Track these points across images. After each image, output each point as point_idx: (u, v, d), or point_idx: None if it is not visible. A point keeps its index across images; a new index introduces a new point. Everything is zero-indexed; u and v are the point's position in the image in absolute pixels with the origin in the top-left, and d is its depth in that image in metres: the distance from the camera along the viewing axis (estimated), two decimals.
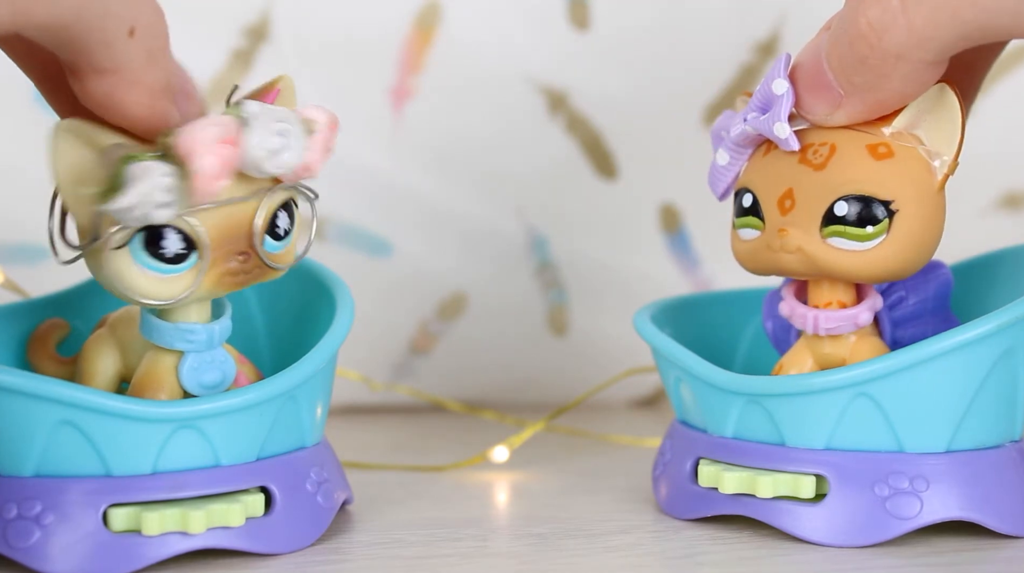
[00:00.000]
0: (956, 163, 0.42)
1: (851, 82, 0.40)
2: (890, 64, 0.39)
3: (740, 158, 0.44)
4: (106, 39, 0.36)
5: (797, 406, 0.42)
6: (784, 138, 0.42)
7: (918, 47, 0.39)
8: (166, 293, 0.40)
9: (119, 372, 0.44)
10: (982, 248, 0.48)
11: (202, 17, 0.59)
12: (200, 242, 0.39)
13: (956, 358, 0.41)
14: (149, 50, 0.37)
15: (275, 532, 0.42)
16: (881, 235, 0.41)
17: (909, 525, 0.42)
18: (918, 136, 0.42)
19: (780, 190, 0.42)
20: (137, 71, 0.37)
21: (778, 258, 0.42)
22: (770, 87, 0.42)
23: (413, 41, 0.59)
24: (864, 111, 0.41)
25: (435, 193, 0.61)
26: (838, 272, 0.42)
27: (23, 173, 0.58)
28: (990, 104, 0.61)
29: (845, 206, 0.41)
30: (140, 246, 0.39)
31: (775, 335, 0.47)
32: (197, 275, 0.40)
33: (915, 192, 0.41)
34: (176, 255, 0.40)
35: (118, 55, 0.37)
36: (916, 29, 0.38)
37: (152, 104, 0.38)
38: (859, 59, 0.39)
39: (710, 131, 0.45)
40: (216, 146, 0.38)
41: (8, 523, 0.40)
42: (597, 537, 0.44)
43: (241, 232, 0.40)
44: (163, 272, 0.40)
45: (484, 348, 0.63)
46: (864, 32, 0.39)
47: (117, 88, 0.38)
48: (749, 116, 0.43)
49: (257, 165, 0.39)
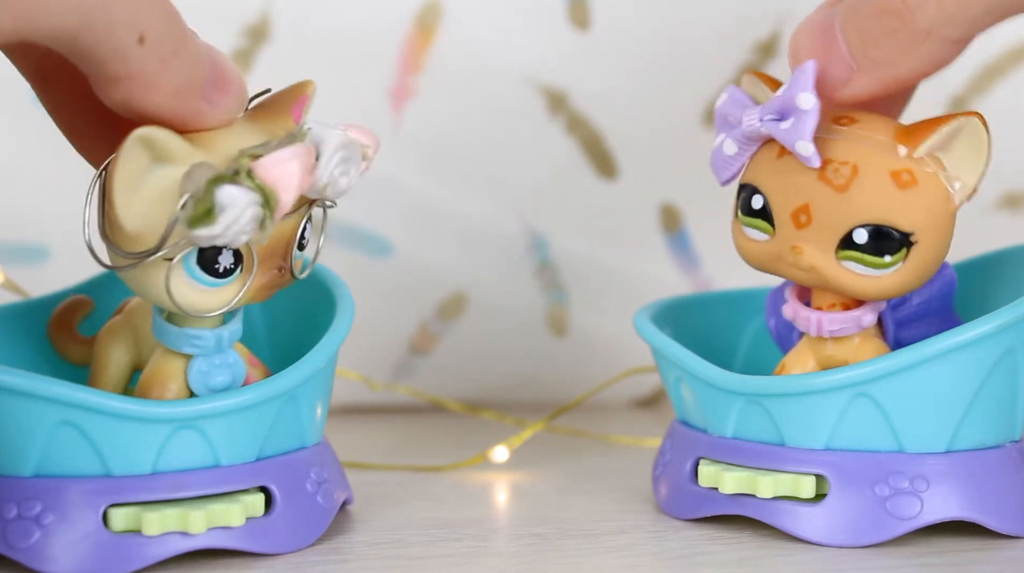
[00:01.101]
0: (975, 190, 0.41)
1: (868, 56, 0.40)
2: (919, 39, 0.39)
3: (748, 150, 0.43)
4: (115, 47, 0.36)
5: (797, 406, 0.42)
6: (808, 156, 0.41)
7: (948, 23, 0.39)
8: (210, 305, 0.40)
9: (132, 362, 0.44)
10: (982, 248, 0.48)
11: (202, 17, 0.58)
12: (250, 258, 0.40)
13: (956, 358, 0.41)
14: (161, 56, 0.37)
15: (275, 532, 0.42)
16: (898, 263, 0.41)
17: (909, 525, 0.42)
18: (939, 160, 0.41)
19: (796, 203, 0.42)
20: (151, 76, 0.37)
21: (788, 270, 0.42)
22: (794, 99, 0.41)
23: (413, 41, 0.59)
24: (875, 88, 0.41)
25: (435, 193, 0.60)
26: (849, 292, 0.42)
27: (23, 173, 0.58)
28: (990, 104, 0.61)
29: (865, 234, 0.41)
30: (194, 261, 0.39)
31: (778, 333, 0.47)
32: (241, 288, 0.40)
33: (934, 220, 0.41)
34: (226, 270, 0.40)
35: (130, 63, 0.37)
36: (947, 4, 0.38)
37: (174, 105, 0.38)
38: (886, 33, 0.39)
39: (714, 109, 0.44)
40: (302, 178, 0.39)
41: (8, 523, 0.40)
42: (597, 537, 0.44)
43: (282, 246, 0.41)
44: (209, 285, 0.40)
45: (484, 348, 0.63)
46: (897, 7, 0.39)
47: (134, 93, 0.37)
48: (766, 118, 0.42)
49: (320, 190, 0.40)
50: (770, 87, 0.43)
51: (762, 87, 0.43)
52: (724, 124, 0.44)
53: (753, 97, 0.43)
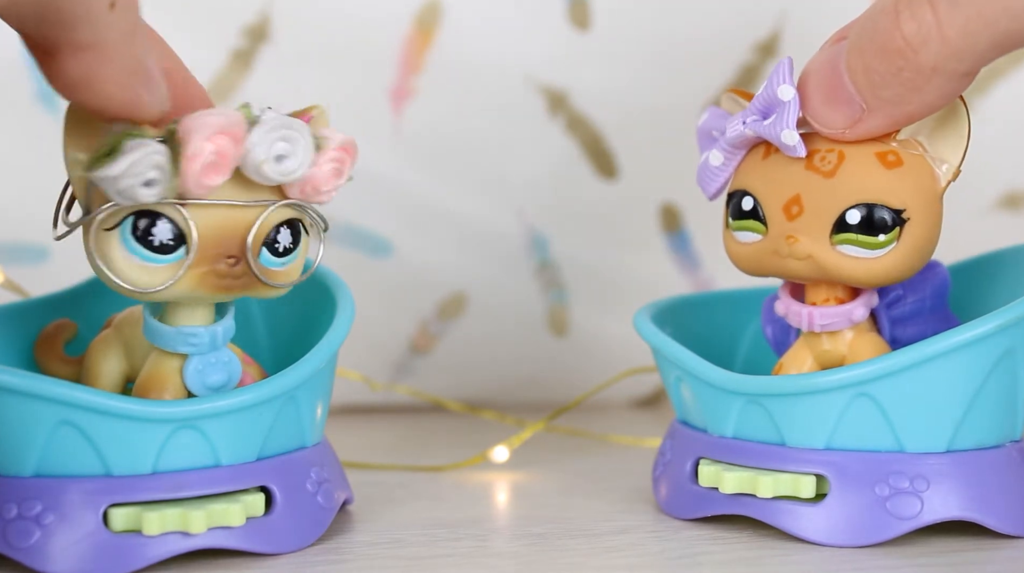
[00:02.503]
0: (959, 171, 0.42)
1: (878, 96, 0.40)
2: (925, 77, 0.39)
3: (734, 159, 0.44)
4: (88, 11, 0.36)
5: (797, 406, 0.42)
6: (792, 145, 0.42)
7: (953, 58, 0.38)
8: (146, 281, 0.40)
9: (124, 372, 0.44)
10: (982, 248, 0.48)
11: (202, 17, 0.59)
12: (189, 235, 0.39)
13: (957, 358, 0.41)
14: (129, 23, 0.37)
15: (275, 532, 0.42)
16: (892, 243, 0.41)
17: (909, 525, 0.42)
18: (921, 142, 0.42)
19: (786, 196, 0.42)
20: (115, 46, 0.37)
21: (785, 264, 0.43)
22: (775, 92, 0.42)
23: (413, 41, 0.59)
24: (887, 125, 0.41)
25: (435, 193, 0.61)
26: (847, 278, 0.42)
27: (23, 173, 0.58)
28: (990, 104, 0.61)
29: (857, 214, 0.41)
30: (129, 230, 0.39)
31: (775, 339, 0.47)
32: (180, 268, 0.40)
33: (923, 200, 0.41)
34: (163, 244, 0.39)
35: (100, 28, 0.36)
36: (951, 41, 0.38)
37: (125, 82, 0.37)
38: (892, 73, 0.39)
39: (696, 128, 0.45)
40: (215, 134, 0.38)
41: (8, 523, 0.40)
42: (597, 537, 0.44)
43: (235, 237, 0.40)
44: (147, 260, 0.39)
45: (484, 348, 0.63)
46: (900, 47, 0.39)
47: (93, 64, 0.37)
48: (749, 120, 0.43)
49: (257, 167, 0.39)
50: (748, 101, 0.43)
51: (740, 102, 0.44)
52: (708, 140, 0.44)
53: (732, 113, 0.44)
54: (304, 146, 0.40)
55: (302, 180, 0.40)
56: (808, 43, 0.43)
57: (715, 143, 0.44)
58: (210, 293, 0.40)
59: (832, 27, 0.42)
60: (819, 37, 0.42)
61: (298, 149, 0.40)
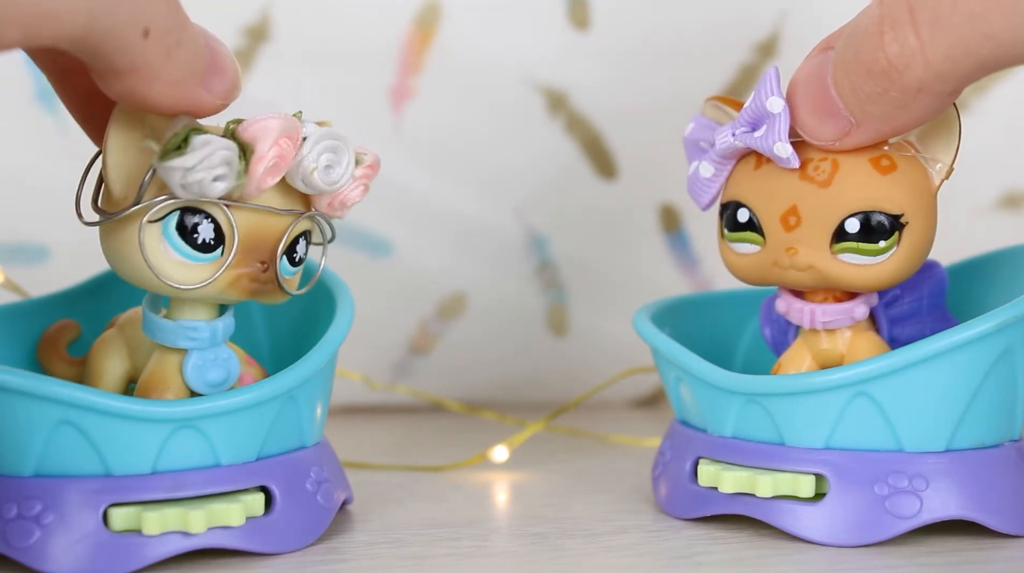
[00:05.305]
0: (952, 169, 0.42)
1: (866, 112, 0.40)
2: (911, 96, 0.39)
3: (725, 169, 0.44)
4: (121, 44, 0.36)
5: (796, 405, 0.42)
6: (785, 157, 0.42)
7: (938, 81, 0.39)
8: (186, 278, 0.40)
9: (127, 372, 0.44)
10: (982, 248, 0.48)
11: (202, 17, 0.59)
12: (231, 236, 0.40)
13: (956, 357, 0.42)
14: (166, 48, 0.37)
15: (275, 532, 0.42)
16: (892, 248, 0.41)
17: (909, 524, 0.42)
18: (912, 143, 0.42)
19: (783, 207, 0.42)
20: (155, 68, 0.37)
21: (786, 274, 0.43)
22: (763, 104, 0.41)
23: (413, 41, 0.59)
24: (876, 137, 0.41)
25: (435, 193, 0.61)
26: (849, 285, 0.42)
27: (23, 173, 0.58)
28: (990, 104, 0.61)
29: (856, 223, 0.41)
30: (174, 225, 0.39)
31: (773, 340, 0.47)
32: (219, 268, 0.40)
33: (919, 201, 0.41)
34: (205, 243, 0.40)
35: (135, 57, 0.37)
36: (934, 65, 0.38)
37: (175, 94, 0.38)
38: (879, 92, 0.39)
39: (683, 139, 0.45)
40: (280, 137, 0.39)
41: (8, 523, 0.40)
42: (597, 537, 0.44)
43: (268, 242, 0.40)
44: (188, 257, 0.40)
45: (484, 348, 0.63)
46: (885, 68, 0.39)
47: (137, 86, 0.38)
48: (739, 132, 0.42)
49: (306, 175, 0.40)
50: (734, 108, 0.43)
51: (726, 110, 0.44)
52: (696, 150, 0.44)
53: (718, 121, 0.44)
54: (348, 159, 0.41)
55: (337, 193, 0.41)
56: (808, 43, 0.43)
57: (704, 154, 0.44)
58: (240, 296, 0.41)
59: (831, 27, 0.42)
60: (819, 37, 0.42)
61: (343, 160, 0.41)
